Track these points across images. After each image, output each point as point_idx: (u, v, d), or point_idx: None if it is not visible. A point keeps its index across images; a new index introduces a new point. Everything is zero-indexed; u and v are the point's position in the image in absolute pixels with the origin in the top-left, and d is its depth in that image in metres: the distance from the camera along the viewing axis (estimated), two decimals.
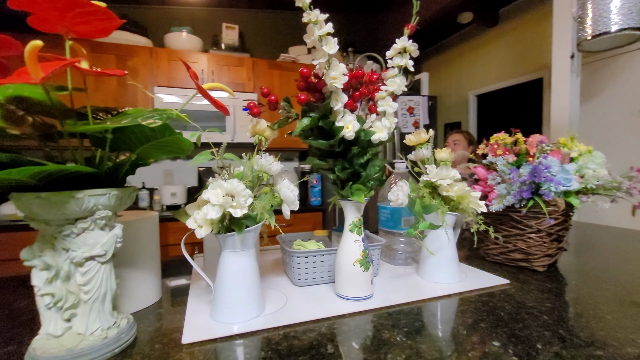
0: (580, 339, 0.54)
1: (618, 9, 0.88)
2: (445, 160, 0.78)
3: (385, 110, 0.67)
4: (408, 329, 0.58)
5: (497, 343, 0.53)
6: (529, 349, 0.51)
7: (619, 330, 0.56)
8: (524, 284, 0.79)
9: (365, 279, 0.68)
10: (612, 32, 0.92)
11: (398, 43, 0.66)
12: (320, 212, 2.50)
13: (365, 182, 0.68)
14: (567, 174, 0.81)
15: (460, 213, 0.79)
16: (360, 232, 0.69)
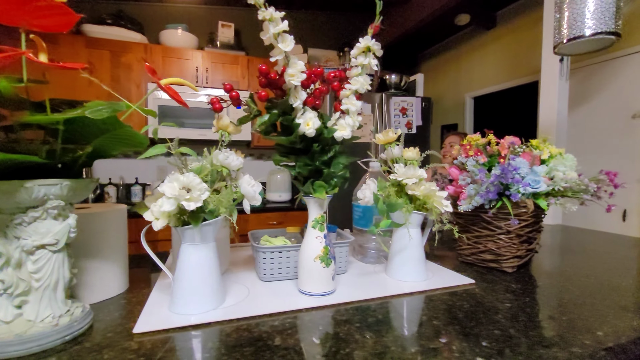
0: (528, 338, 0.54)
1: (592, 13, 0.88)
2: (412, 160, 0.78)
3: (348, 108, 0.67)
4: (360, 325, 0.58)
5: (444, 340, 0.53)
6: (473, 346, 0.51)
7: (570, 331, 0.56)
8: (490, 284, 0.79)
9: (325, 275, 0.69)
10: (586, 36, 0.92)
11: (361, 42, 0.66)
12: None
13: (328, 179, 0.69)
14: (536, 176, 0.82)
15: (426, 212, 0.79)
16: (322, 228, 0.70)
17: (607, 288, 0.77)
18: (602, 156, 2.21)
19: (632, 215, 2.04)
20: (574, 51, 1.06)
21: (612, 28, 0.90)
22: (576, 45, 1.00)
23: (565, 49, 1.02)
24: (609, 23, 0.89)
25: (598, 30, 0.89)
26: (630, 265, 0.94)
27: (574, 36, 0.93)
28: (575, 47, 1.02)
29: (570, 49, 1.04)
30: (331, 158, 0.69)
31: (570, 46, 1.00)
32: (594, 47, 1.03)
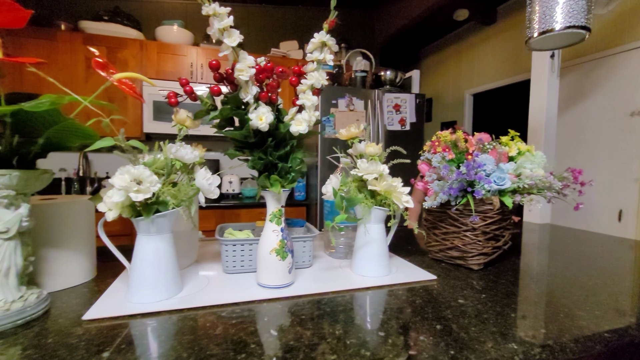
0: (468, 334, 0.54)
1: (561, 7, 0.86)
2: (374, 155, 0.78)
3: (304, 103, 0.68)
4: (305, 317, 0.59)
5: (382, 333, 0.54)
6: (409, 340, 0.52)
7: (512, 328, 0.56)
8: (452, 280, 0.79)
9: (281, 268, 0.70)
10: (556, 29, 0.90)
11: (316, 37, 0.67)
12: (304, 206, 2.52)
13: (283, 173, 0.70)
14: (502, 173, 0.81)
15: (388, 208, 0.79)
16: (279, 222, 0.71)
17: (570, 287, 0.76)
18: (599, 154, 2.17)
19: (629, 215, 2.00)
20: (545, 46, 1.04)
21: (581, 22, 0.88)
22: (547, 40, 0.98)
23: (536, 43, 1.00)
24: (578, 17, 0.87)
25: (568, 24, 0.88)
26: (602, 266, 0.93)
27: (544, 30, 0.91)
28: (546, 42, 1.00)
29: (542, 44, 1.02)
30: (288, 153, 0.70)
31: (541, 40, 0.98)
32: (565, 41, 1.01)
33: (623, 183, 2.03)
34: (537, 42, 1.00)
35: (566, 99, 2.38)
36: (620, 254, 1.06)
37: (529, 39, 0.99)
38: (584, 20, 0.88)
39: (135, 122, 2.28)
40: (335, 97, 2.25)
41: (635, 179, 1.96)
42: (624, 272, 0.87)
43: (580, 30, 0.89)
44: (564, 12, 0.87)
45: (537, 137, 1.60)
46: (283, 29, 2.97)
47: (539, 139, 1.59)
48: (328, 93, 2.25)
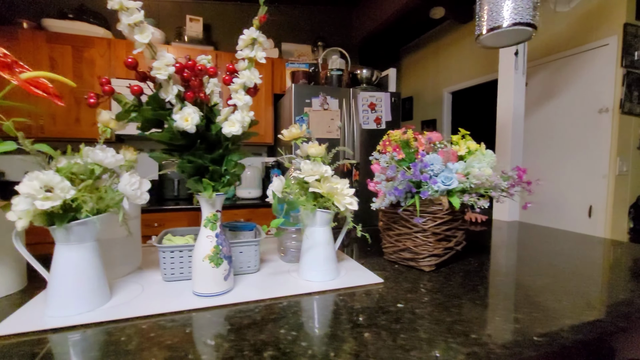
0: (395, 341, 0.52)
1: (508, 4, 0.85)
2: (316, 156, 0.76)
3: (235, 103, 0.65)
4: (232, 327, 0.56)
5: (305, 343, 0.52)
6: (331, 349, 0.50)
7: (443, 334, 0.54)
8: (400, 283, 0.77)
9: (216, 275, 0.67)
10: (503, 27, 0.89)
11: (246, 34, 0.64)
12: None
13: (215, 177, 0.67)
14: (450, 173, 0.80)
15: (334, 210, 0.77)
16: (214, 227, 0.68)
17: (516, 288, 0.75)
18: (569, 151, 2.19)
19: (598, 211, 2.02)
20: (495, 43, 1.03)
21: (528, 19, 0.87)
22: (496, 37, 0.97)
23: (486, 40, 0.99)
24: (524, 14, 0.87)
25: (515, 21, 0.87)
26: (556, 264, 0.93)
27: (492, 27, 0.90)
28: (495, 39, 0.99)
29: (492, 41, 1.01)
30: (221, 155, 0.67)
31: (490, 37, 0.97)
32: (514, 39, 1.00)
33: (592, 179, 2.05)
34: (486, 39, 0.99)
35: (536, 98, 2.40)
36: (579, 252, 1.07)
37: (478, 36, 0.98)
38: (530, 18, 0.87)
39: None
40: (309, 97, 2.23)
41: (604, 175, 1.99)
42: (575, 272, 0.87)
43: (527, 28, 0.88)
44: (511, 10, 0.86)
45: (504, 135, 1.60)
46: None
47: (506, 137, 1.59)
48: (302, 92, 2.22)
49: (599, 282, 0.78)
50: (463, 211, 0.88)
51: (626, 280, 0.81)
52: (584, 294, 0.71)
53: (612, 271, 0.89)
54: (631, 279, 0.81)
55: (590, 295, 0.70)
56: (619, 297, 0.70)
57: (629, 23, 1.88)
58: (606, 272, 0.87)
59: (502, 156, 1.62)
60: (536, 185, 0.81)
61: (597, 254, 1.04)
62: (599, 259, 0.98)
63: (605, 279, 0.81)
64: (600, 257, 1.01)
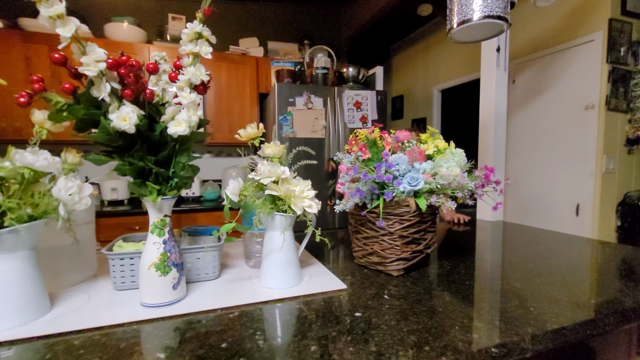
0: (341, 355, 0.49)
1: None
2: (273, 157, 0.72)
3: (181, 101, 0.61)
4: (175, 340, 0.53)
5: (244, 359, 0.48)
6: None
7: (393, 348, 0.51)
8: (363, 289, 0.74)
9: (163, 284, 0.63)
10: (474, 20, 0.85)
11: (189, 28, 0.60)
12: None
13: (161, 180, 0.63)
14: (417, 173, 0.76)
15: (294, 214, 0.73)
16: (161, 233, 0.64)
17: (484, 293, 0.72)
18: (556, 149, 2.17)
19: (585, 209, 2.00)
20: (468, 37, 1.00)
21: (498, 12, 0.83)
22: (468, 31, 0.93)
23: (457, 34, 0.96)
24: (495, 7, 0.83)
25: (485, 13, 0.83)
26: (532, 266, 0.89)
27: (462, 20, 0.87)
28: (467, 33, 0.96)
29: (464, 35, 0.97)
30: (167, 157, 0.63)
31: (461, 31, 0.93)
32: (485, 33, 0.97)
33: (579, 177, 2.03)
34: (458, 34, 0.96)
35: (523, 95, 2.38)
36: (559, 253, 1.04)
37: (449, 30, 0.94)
38: (500, 11, 0.84)
39: None
40: (293, 96, 2.19)
41: (591, 173, 1.96)
42: (551, 275, 0.84)
43: (498, 21, 0.85)
44: (481, 2, 0.83)
45: (486, 133, 1.57)
46: (244, 25, 2.88)
47: (488, 135, 1.56)
48: (285, 91, 2.18)
49: (573, 285, 0.75)
50: (434, 213, 0.85)
51: (602, 284, 0.78)
52: (554, 300, 0.67)
53: (590, 274, 0.85)
54: (610, 282, 0.78)
55: (560, 301, 0.67)
56: (590, 302, 0.66)
57: (614, 18, 1.86)
58: (583, 275, 0.84)
59: (485, 154, 1.59)
60: (507, 185, 0.77)
61: (577, 255, 1.01)
62: (577, 261, 0.95)
63: (581, 282, 0.77)
64: (579, 258, 0.98)
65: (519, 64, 2.40)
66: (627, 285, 0.75)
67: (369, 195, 0.79)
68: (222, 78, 2.53)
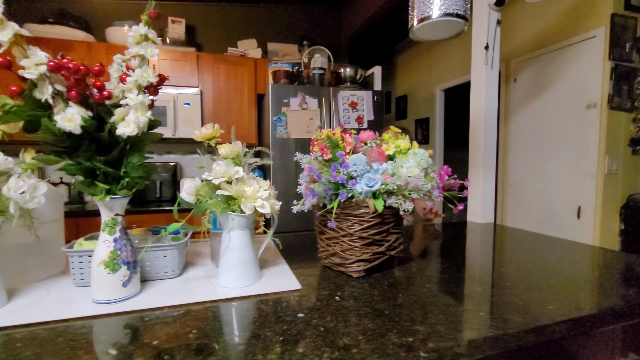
0: (264, 355, 0.49)
1: None
2: (227, 156, 0.73)
3: (128, 102, 0.62)
4: (114, 337, 0.54)
5: (166, 357, 0.48)
6: None
7: (319, 350, 0.50)
8: (317, 290, 0.73)
9: (112, 281, 0.65)
10: (433, 17, 0.83)
11: (134, 31, 0.61)
12: None
13: (110, 179, 0.64)
14: (375, 174, 0.75)
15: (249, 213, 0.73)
16: (112, 232, 0.66)
17: (436, 297, 0.70)
18: (557, 149, 2.09)
19: (587, 212, 1.92)
20: (430, 35, 0.97)
21: (457, 10, 0.81)
22: (430, 29, 0.91)
23: (419, 32, 0.93)
24: (453, 5, 0.81)
25: (443, 11, 0.81)
26: (502, 271, 0.87)
27: (421, 17, 0.85)
28: (430, 31, 0.93)
29: (425, 33, 0.95)
30: (117, 157, 0.65)
31: (423, 29, 0.91)
32: (447, 32, 0.94)
33: (581, 178, 1.95)
34: (420, 31, 0.93)
35: (525, 94, 2.31)
36: (538, 258, 1.00)
37: (410, 27, 0.92)
38: (459, 9, 0.81)
39: None
40: (287, 96, 2.20)
41: (592, 174, 1.89)
42: (517, 280, 0.81)
43: (457, 19, 0.83)
44: (440, 0, 0.80)
45: (477, 133, 1.53)
46: (244, 27, 2.92)
47: (478, 135, 1.52)
48: (279, 92, 2.19)
49: (541, 290, 0.73)
50: (397, 214, 0.83)
51: (558, 293, 0.74)
52: (513, 306, 0.65)
53: (560, 281, 0.82)
54: (575, 290, 0.75)
55: (521, 308, 0.64)
56: (548, 308, 0.64)
57: (617, 13, 1.78)
58: (556, 280, 0.81)
59: (475, 155, 1.56)
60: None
61: (553, 260, 0.97)
62: (548, 266, 0.92)
63: (550, 289, 0.75)
64: (556, 262, 0.95)
65: (520, 62, 2.33)
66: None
67: (328, 196, 0.78)
68: (221, 79, 2.56)
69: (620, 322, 0.66)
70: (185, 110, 2.40)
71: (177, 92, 2.38)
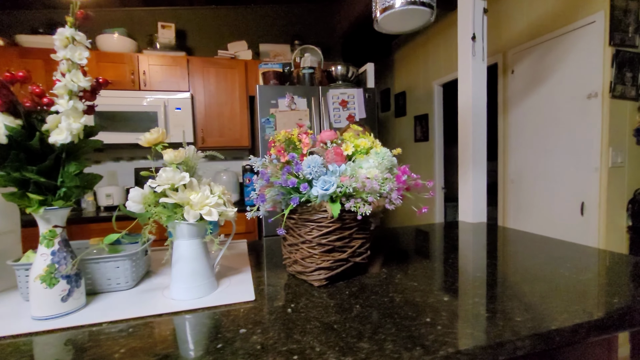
0: None
1: None
2: (172, 162, 0.69)
3: (57, 109, 0.59)
4: (49, 355, 0.51)
5: None
6: None
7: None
8: (271, 302, 0.69)
9: (50, 296, 0.62)
10: (396, 7, 0.77)
11: (59, 33, 0.58)
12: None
13: (44, 190, 0.61)
14: (331, 176, 0.70)
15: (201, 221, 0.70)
16: (50, 244, 0.63)
17: (394, 309, 0.65)
18: (558, 143, 1.99)
19: (591, 208, 1.81)
20: (396, 27, 0.90)
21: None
22: (393, 19, 0.85)
23: (384, 22, 0.87)
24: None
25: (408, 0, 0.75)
26: (475, 279, 0.81)
27: (384, 6, 0.79)
28: (393, 22, 0.87)
29: (391, 24, 0.88)
30: (51, 166, 0.62)
31: (386, 20, 0.85)
32: (413, 23, 0.87)
33: (583, 173, 1.85)
34: (384, 22, 0.87)
35: (523, 86, 2.21)
36: (518, 263, 0.93)
37: (375, 18, 0.86)
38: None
39: None
40: (275, 97, 2.16)
41: (596, 167, 1.78)
42: (484, 290, 0.75)
43: (422, 8, 0.77)
44: None
45: (465, 129, 1.46)
46: (236, 29, 2.90)
47: (467, 131, 1.45)
48: (267, 93, 2.16)
49: (500, 300, 0.66)
50: (364, 219, 0.78)
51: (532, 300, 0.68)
52: (472, 317, 0.59)
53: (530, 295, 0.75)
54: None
55: (471, 319, 0.59)
56: (516, 319, 0.58)
57: None
58: (520, 287, 0.74)
59: (464, 152, 1.48)
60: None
61: (538, 263, 0.90)
62: (528, 270, 0.85)
63: (514, 298, 0.68)
64: (537, 266, 0.88)
65: (517, 52, 2.24)
66: None
67: (284, 201, 0.74)
68: (211, 83, 2.55)
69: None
70: (177, 115, 2.40)
71: (167, 97, 2.37)
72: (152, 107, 2.34)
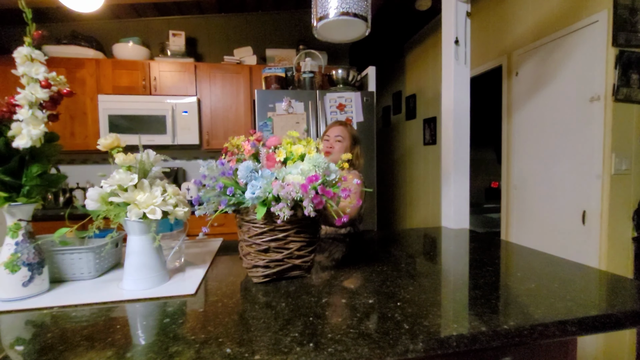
0: (101, 354, 0.51)
1: None
2: (122, 165, 0.76)
3: (18, 117, 0.68)
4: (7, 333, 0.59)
5: (22, 347, 0.52)
6: None
7: (160, 351, 0.51)
8: (209, 296, 0.74)
9: (12, 281, 0.71)
10: (330, 17, 0.79)
11: (17, 52, 0.67)
12: None
13: (8, 188, 0.70)
14: (260, 181, 0.75)
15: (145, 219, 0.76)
16: (15, 235, 0.72)
17: (318, 308, 0.68)
18: (560, 148, 1.90)
19: (593, 217, 1.72)
20: (332, 36, 0.91)
21: (356, 10, 0.76)
22: (331, 29, 0.86)
23: (321, 30, 0.88)
24: (352, 5, 0.76)
25: (341, 10, 0.77)
26: (419, 285, 0.82)
27: (320, 15, 0.81)
28: (331, 31, 0.88)
29: (328, 33, 0.90)
30: (15, 167, 0.71)
31: (324, 28, 0.86)
32: (351, 33, 0.88)
33: (585, 180, 1.75)
34: (323, 31, 0.89)
35: (527, 89, 2.13)
36: (483, 270, 0.92)
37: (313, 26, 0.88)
38: (358, 8, 0.76)
39: (94, 135, 2.46)
40: (273, 101, 2.23)
41: (598, 175, 1.69)
42: (411, 296, 0.76)
43: (355, 19, 0.78)
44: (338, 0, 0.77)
45: (447, 134, 1.45)
46: (243, 35, 3.01)
47: (448, 135, 1.44)
48: (265, 98, 2.23)
49: (423, 307, 0.67)
50: (308, 223, 0.81)
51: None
52: (397, 323, 0.61)
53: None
54: None
55: (404, 326, 0.61)
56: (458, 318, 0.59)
57: None
58: (444, 297, 0.74)
59: (447, 157, 1.47)
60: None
61: (483, 281, 0.89)
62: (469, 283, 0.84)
63: (434, 305, 0.69)
64: (484, 284, 0.86)
65: (521, 54, 2.16)
66: None
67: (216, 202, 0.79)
68: (217, 87, 2.67)
69: None
70: (184, 118, 2.53)
71: (175, 102, 2.51)
72: (161, 110, 2.48)
